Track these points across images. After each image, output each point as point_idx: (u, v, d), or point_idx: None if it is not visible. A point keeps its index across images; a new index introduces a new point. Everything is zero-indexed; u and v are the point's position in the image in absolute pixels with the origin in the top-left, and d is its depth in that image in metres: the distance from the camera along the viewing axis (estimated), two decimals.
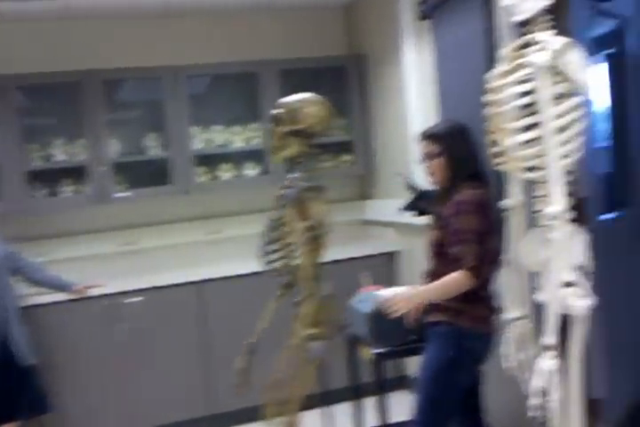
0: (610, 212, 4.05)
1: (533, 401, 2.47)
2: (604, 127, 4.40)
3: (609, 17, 4.17)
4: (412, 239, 5.12)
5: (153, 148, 5.70)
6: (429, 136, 3.44)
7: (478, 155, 3.37)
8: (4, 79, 5.24)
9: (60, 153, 5.49)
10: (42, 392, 4.79)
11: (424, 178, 3.66)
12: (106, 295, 5.19)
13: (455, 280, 3.19)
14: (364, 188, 6.28)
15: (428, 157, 3.41)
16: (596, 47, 3.76)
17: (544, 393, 2.47)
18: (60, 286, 5.02)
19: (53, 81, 5.43)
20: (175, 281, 5.35)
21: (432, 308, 3.39)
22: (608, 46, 4.58)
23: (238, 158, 5.90)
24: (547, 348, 2.47)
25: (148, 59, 5.77)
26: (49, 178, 5.50)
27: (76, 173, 5.51)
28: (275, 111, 3.34)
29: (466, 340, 3.25)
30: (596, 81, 4.14)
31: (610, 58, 4.71)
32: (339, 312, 3.72)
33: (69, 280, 5.04)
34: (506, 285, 2.98)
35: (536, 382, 2.47)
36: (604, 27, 4.36)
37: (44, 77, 5.39)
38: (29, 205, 5.36)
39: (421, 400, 3.36)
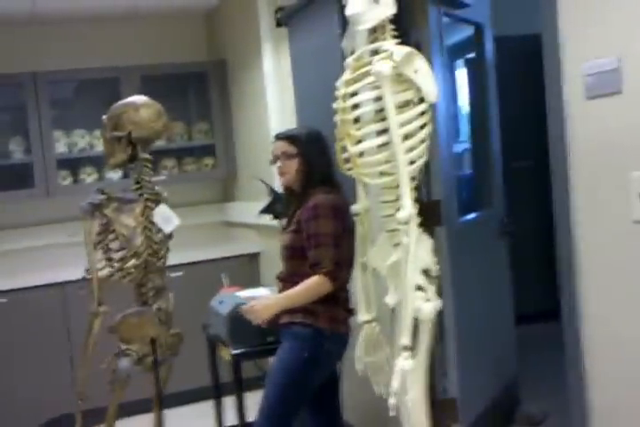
0: (471, 212, 4.01)
1: (392, 401, 2.36)
2: (465, 130, 4.38)
3: (467, 23, 4.14)
4: (273, 241, 5.00)
5: (17, 151, 5.47)
6: (288, 137, 3.31)
7: (331, 161, 3.24)
8: None
9: None
10: None
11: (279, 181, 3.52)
12: None
13: (314, 285, 3.04)
14: (227, 190, 6.16)
15: (284, 157, 3.25)
16: (455, 53, 3.71)
17: (400, 393, 2.37)
18: None
19: None
20: (38, 282, 5.15)
21: (289, 309, 3.22)
22: (467, 52, 4.56)
23: (101, 162, 5.62)
24: (402, 348, 2.38)
25: (10, 65, 5.48)
26: None
27: None
28: (103, 117, 3.11)
29: (324, 341, 3.09)
30: (458, 85, 4.11)
31: (469, 63, 4.70)
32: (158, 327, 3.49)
33: None
34: (356, 288, 2.88)
35: (394, 382, 2.37)
36: (463, 33, 4.33)
37: None
38: None
39: (272, 398, 3.20)
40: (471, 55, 4.77)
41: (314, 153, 3.26)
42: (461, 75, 4.69)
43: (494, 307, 4.20)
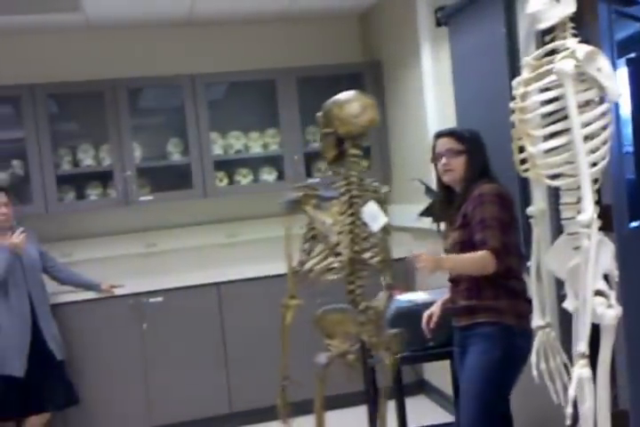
0: (636, 219, 3.88)
1: (569, 410, 2.30)
2: (625, 133, 4.22)
3: (632, 20, 4.00)
4: (428, 244, 4.95)
5: (174, 153, 5.63)
6: (453, 134, 3.29)
7: (489, 158, 3.28)
8: (37, 87, 5.24)
9: (87, 158, 5.47)
10: (69, 386, 4.82)
11: (435, 180, 3.49)
12: (128, 295, 5.16)
13: (479, 258, 3.01)
14: None
15: (450, 153, 3.23)
16: (617, 52, 3.59)
17: (577, 402, 2.31)
18: (88, 285, 5.09)
19: (81, 89, 5.43)
20: (194, 282, 5.29)
21: (469, 310, 3.21)
22: (629, 51, 4.40)
23: (256, 164, 5.80)
24: (579, 356, 2.31)
25: (169, 67, 5.65)
26: (77, 182, 5.50)
27: (102, 178, 5.52)
28: (317, 114, 3.15)
29: (514, 338, 3.04)
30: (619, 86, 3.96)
31: (631, 62, 4.53)
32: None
33: (94, 279, 5.09)
34: (531, 292, 2.81)
35: (571, 391, 2.31)
36: (624, 31, 4.18)
37: (73, 86, 5.38)
38: (58, 208, 5.34)
39: (474, 404, 3.15)
40: (632, 55, 4.62)
41: (478, 150, 3.26)
42: (621, 75, 4.53)
43: None
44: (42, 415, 4.69)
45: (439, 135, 3.33)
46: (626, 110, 4.20)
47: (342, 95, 3.05)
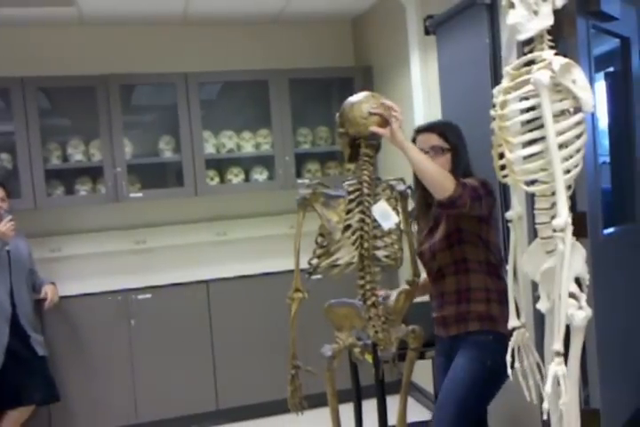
0: (610, 226, 4.00)
1: (545, 405, 2.42)
2: (602, 143, 4.35)
3: (612, 36, 4.14)
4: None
5: (166, 150, 5.68)
6: (439, 129, 3.23)
7: (469, 157, 3.25)
8: (27, 81, 5.24)
9: (77, 153, 5.49)
10: (51, 382, 4.84)
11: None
12: (116, 291, 5.20)
13: (447, 176, 2.92)
14: None
15: (434, 151, 3.16)
16: (595, 66, 3.72)
17: (553, 397, 2.42)
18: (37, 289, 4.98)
19: (72, 84, 5.46)
20: (183, 280, 5.36)
21: (460, 317, 3.18)
22: (608, 65, 4.54)
23: (247, 163, 5.89)
24: (555, 354, 2.42)
25: (162, 65, 5.75)
26: (66, 177, 5.53)
27: (91, 173, 5.54)
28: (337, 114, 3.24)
29: (503, 347, 2.83)
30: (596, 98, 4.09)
31: (609, 76, 4.68)
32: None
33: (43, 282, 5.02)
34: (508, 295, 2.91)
35: (547, 387, 2.42)
36: (604, 46, 4.33)
37: (65, 80, 5.40)
38: (46, 203, 5.36)
39: (453, 409, 3.10)
40: (610, 69, 4.77)
41: (463, 148, 3.24)
42: (599, 88, 4.67)
43: (635, 321, 4.17)
44: (21, 411, 4.70)
45: (421, 130, 3.27)
46: (603, 122, 4.35)
47: (355, 96, 3.11)
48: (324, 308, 3.36)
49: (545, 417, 2.45)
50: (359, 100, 3.08)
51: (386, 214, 3.17)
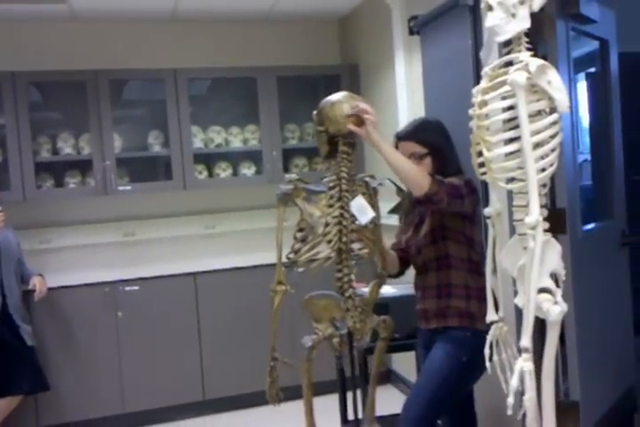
0: (589, 223, 4.07)
1: (510, 400, 2.48)
2: (583, 141, 4.43)
3: (593, 38, 4.21)
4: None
5: (155, 145, 5.73)
6: (415, 137, 3.28)
7: (457, 154, 3.29)
8: (19, 75, 5.27)
9: (67, 147, 5.52)
10: (39, 372, 4.86)
11: None
12: (104, 283, 5.24)
13: (422, 172, 3.00)
14: None
15: (413, 158, 3.21)
16: (575, 67, 3.79)
17: (520, 393, 2.47)
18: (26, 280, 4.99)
19: (64, 78, 5.49)
20: (170, 272, 5.40)
21: (440, 313, 3.25)
22: (589, 66, 4.61)
23: (235, 158, 5.94)
24: (523, 350, 2.47)
25: (152, 61, 5.81)
26: (56, 170, 5.57)
27: (81, 166, 5.57)
28: (314, 112, 3.30)
29: (483, 344, 2.85)
30: (577, 98, 4.16)
31: (590, 77, 4.76)
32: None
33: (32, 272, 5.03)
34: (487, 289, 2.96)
35: (513, 383, 2.47)
36: (584, 47, 4.40)
37: (56, 75, 5.45)
38: (36, 195, 5.39)
39: (423, 402, 3.15)
40: (591, 70, 4.85)
41: (442, 149, 3.26)
42: (580, 88, 4.75)
43: (613, 316, 4.24)
44: (9, 400, 4.73)
45: (399, 139, 3.33)
46: (585, 121, 4.42)
47: (334, 96, 3.17)
48: (304, 300, 3.43)
49: (509, 412, 2.49)
50: (339, 99, 3.13)
51: (363, 209, 3.24)
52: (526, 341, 2.47)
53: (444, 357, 3.19)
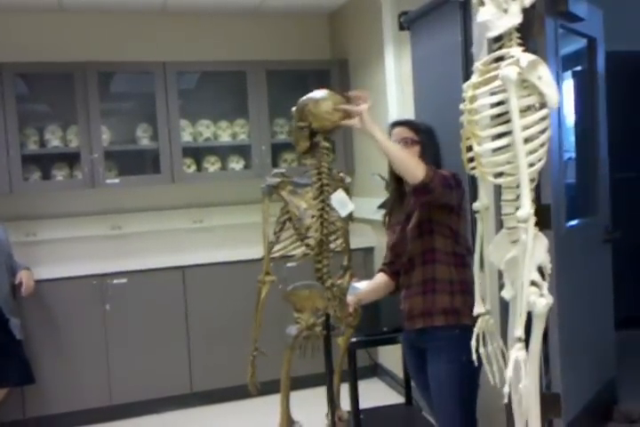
0: (573, 219, 4.11)
1: (506, 389, 2.50)
2: (569, 139, 4.47)
3: (581, 36, 4.25)
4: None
5: (143, 138, 5.73)
6: (409, 123, 3.37)
7: (440, 155, 3.34)
8: (6, 66, 5.26)
9: (55, 139, 5.52)
10: (27, 365, 4.87)
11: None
12: (92, 276, 5.24)
13: (418, 162, 3.02)
14: None
15: (404, 143, 3.27)
16: (563, 65, 3.83)
17: (514, 381, 2.50)
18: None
19: (51, 70, 5.49)
20: (158, 265, 5.40)
21: (425, 311, 3.25)
22: (576, 64, 4.66)
23: (224, 152, 5.96)
24: (516, 340, 2.50)
25: (141, 54, 5.80)
26: (43, 162, 5.56)
27: (68, 159, 5.57)
28: (292, 108, 3.35)
29: (470, 337, 2.83)
30: (563, 96, 4.20)
31: (576, 75, 4.80)
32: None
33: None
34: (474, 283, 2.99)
35: (508, 372, 2.49)
36: (572, 45, 4.44)
37: (43, 66, 5.43)
38: (22, 187, 5.39)
39: (453, 407, 3.20)
40: (578, 68, 4.89)
41: (431, 142, 3.32)
42: (567, 86, 4.79)
43: (595, 311, 4.32)
44: None
45: (395, 124, 3.40)
46: (570, 119, 4.46)
47: (317, 93, 3.23)
48: (286, 292, 3.50)
49: (505, 401, 2.52)
50: (323, 96, 3.21)
51: (343, 202, 3.30)
52: (519, 331, 2.50)
53: (444, 367, 3.19)
